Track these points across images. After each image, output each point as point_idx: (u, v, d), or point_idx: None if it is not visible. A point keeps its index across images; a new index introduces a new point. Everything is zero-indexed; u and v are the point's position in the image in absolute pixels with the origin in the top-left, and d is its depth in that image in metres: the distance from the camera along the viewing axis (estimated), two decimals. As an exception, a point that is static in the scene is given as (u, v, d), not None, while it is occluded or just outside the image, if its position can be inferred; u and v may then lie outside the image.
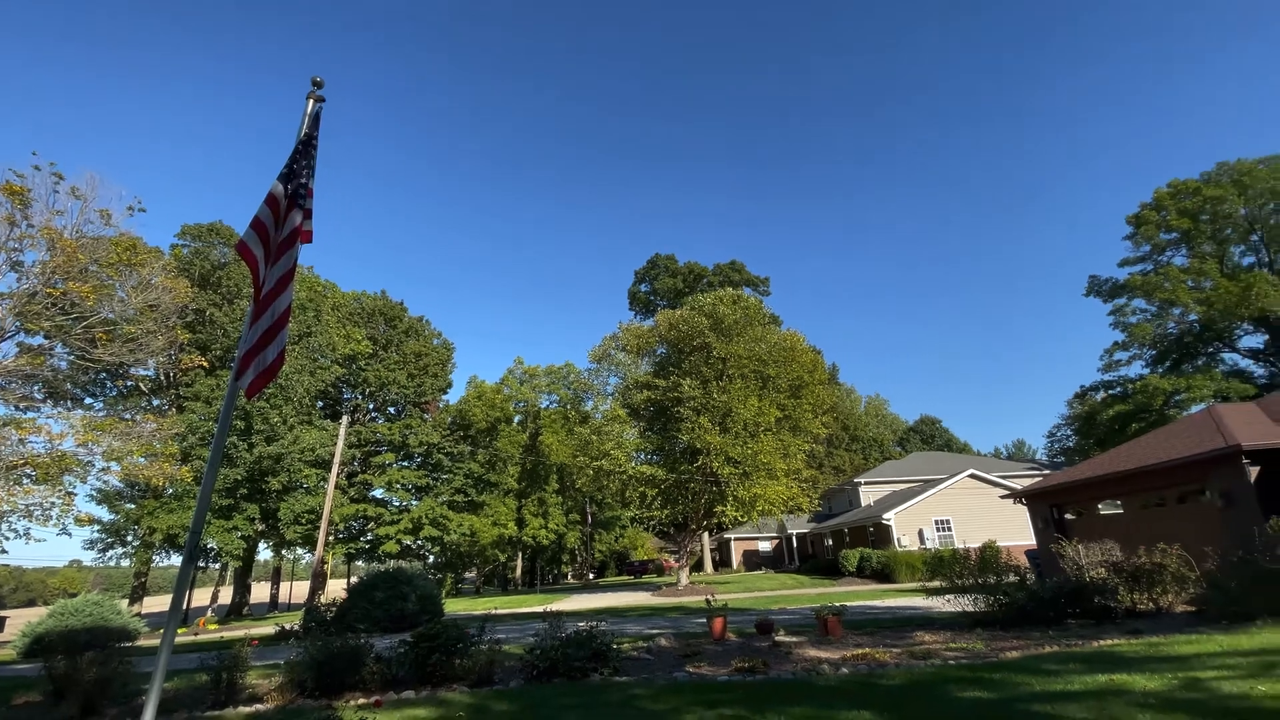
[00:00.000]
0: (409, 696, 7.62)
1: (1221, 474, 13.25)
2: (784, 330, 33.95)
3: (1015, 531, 27.50)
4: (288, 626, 17.95)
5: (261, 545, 44.12)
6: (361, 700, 7.48)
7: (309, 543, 42.17)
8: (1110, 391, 42.87)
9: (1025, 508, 20.17)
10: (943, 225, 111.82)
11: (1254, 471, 12.77)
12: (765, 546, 54.05)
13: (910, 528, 31.52)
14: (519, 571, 60.44)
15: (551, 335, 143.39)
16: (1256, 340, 39.52)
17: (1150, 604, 11.03)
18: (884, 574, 28.48)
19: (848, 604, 18.19)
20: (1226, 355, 40.63)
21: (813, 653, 9.15)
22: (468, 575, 70.24)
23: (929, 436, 74.75)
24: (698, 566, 53.13)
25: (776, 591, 26.67)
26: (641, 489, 29.62)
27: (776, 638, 10.44)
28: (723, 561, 57.75)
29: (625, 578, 57.72)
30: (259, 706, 7.55)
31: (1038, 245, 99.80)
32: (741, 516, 29.43)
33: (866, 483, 42.00)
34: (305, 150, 4.85)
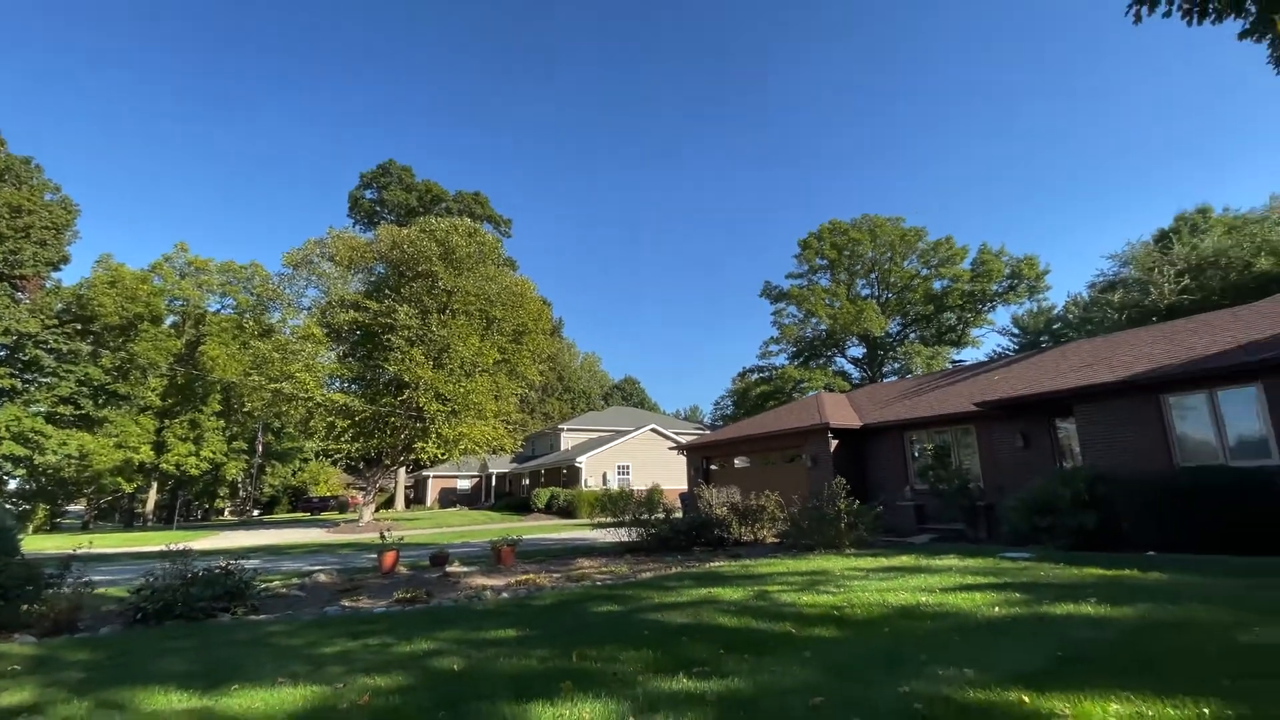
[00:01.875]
0: (-87, 656, 5.62)
1: (814, 443, 17.62)
2: (517, 275, 33.85)
3: (678, 478, 32.60)
4: None
5: None
6: None
7: None
8: (761, 375, 53.56)
9: (684, 458, 24.05)
10: (675, 208, 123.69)
11: (834, 443, 17.28)
12: (464, 485, 54.19)
13: (597, 471, 34.97)
14: (150, 505, 49.55)
15: (237, 224, 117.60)
16: (859, 351, 53.53)
17: (752, 535, 14.21)
18: (568, 511, 31.15)
19: (528, 536, 19.42)
20: (838, 359, 54.13)
21: (481, 581, 9.48)
22: (72, 508, 55.09)
23: (629, 394, 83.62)
24: (389, 504, 50.69)
25: (466, 527, 27.04)
26: (331, 419, 26.70)
27: (449, 569, 10.54)
28: (417, 499, 56.20)
29: (301, 515, 51.94)
30: None
31: (742, 247, 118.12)
32: (443, 454, 28.84)
33: (568, 429, 45.09)
34: None
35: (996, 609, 5.71)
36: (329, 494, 58.17)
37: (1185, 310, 28.41)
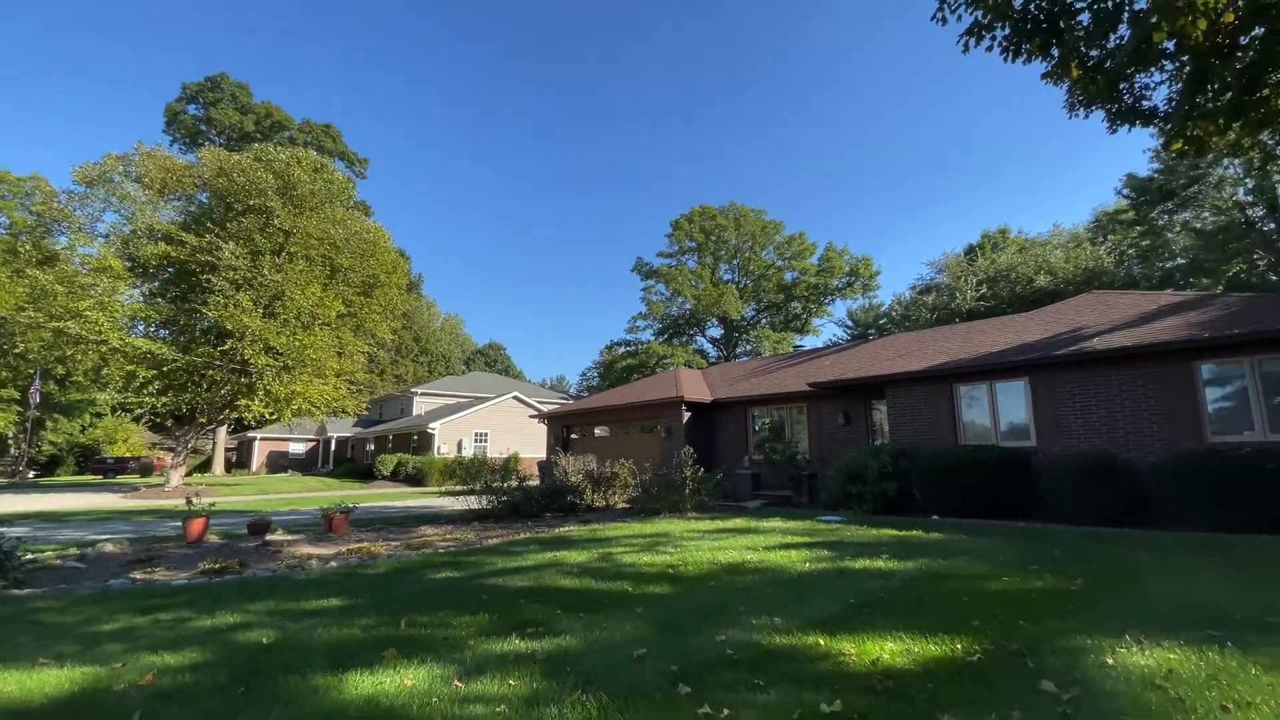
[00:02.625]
0: None
1: (669, 415, 18.40)
2: (370, 221, 31.00)
3: (540, 447, 32.47)
4: None
5: None
6: None
7: None
8: (627, 348, 54.70)
9: (546, 427, 23.97)
10: (556, 175, 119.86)
11: (687, 415, 18.16)
12: (298, 449, 49.50)
13: (452, 438, 33.69)
14: None
15: (15, 126, 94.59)
16: (717, 332, 56.39)
17: (604, 502, 14.59)
18: (417, 479, 29.75)
19: (369, 504, 18.31)
20: (699, 338, 56.71)
21: (306, 550, 8.76)
22: None
23: (493, 360, 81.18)
24: (205, 467, 44.99)
25: (297, 494, 24.80)
26: (131, 368, 22.84)
27: (269, 538, 9.60)
28: (241, 463, 50.40)
29: (92, 478, 44.23)
30: None
31: (619, 222, 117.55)
32: (272, 414, 25.93)
33: (422, 393, 42.83)
34: None
35: (808, 565, 6.40)
36: (129, 455, 50.15)
37: (981, 314, 33.50)
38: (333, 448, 46.45)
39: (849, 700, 2.93)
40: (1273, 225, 28.79)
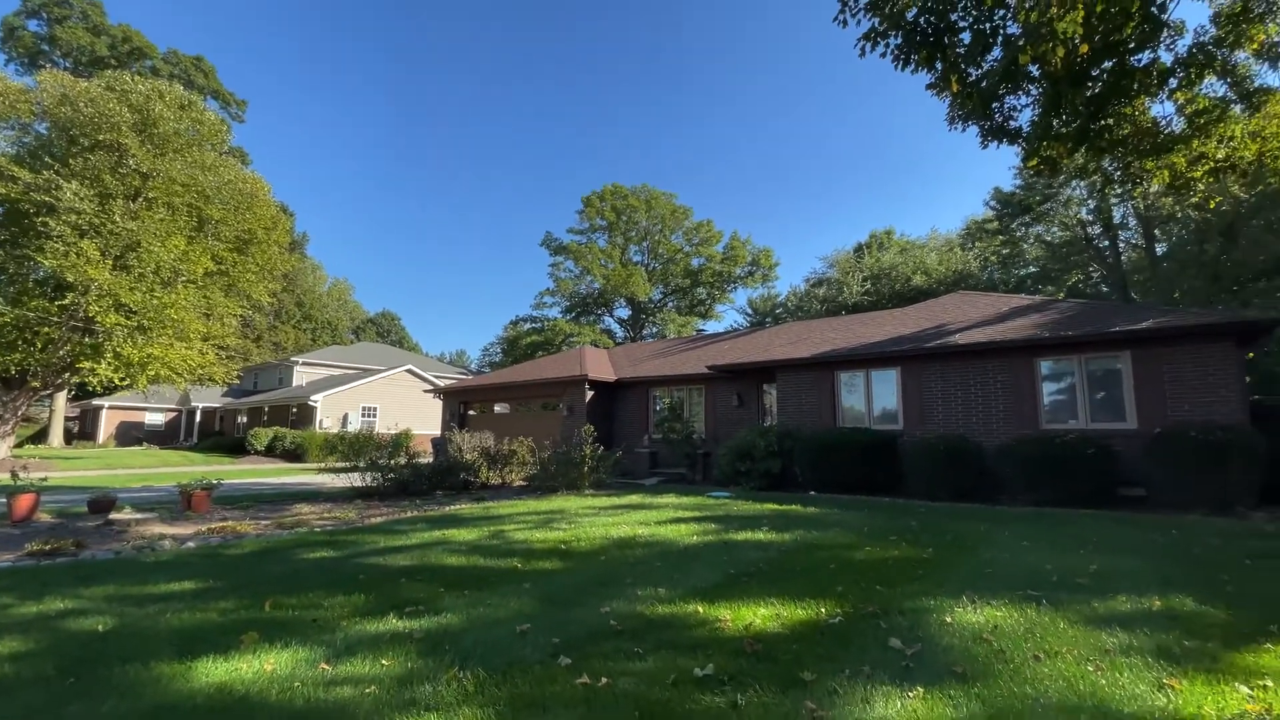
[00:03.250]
0: None
1: (573, 393, 18.32)
2: (247, 171, 28.03)
3: (435, 423, 31.23)
4: None
5: None
6: None
7: None
8: (533, 325, 53.77)
9: (441, 403, 23.10)
10: (460, 137, 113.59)
11: (591, 394, 18.16)
12: (156, 419, 44.43)
13: (337, 411, 31.63)
14: None
15: None
16: (625, 313, 56.67)
17: (500, 479, 14.34)
18: (296, 454, 27.70)
19: (239, 481, 16.85)
20: (607, 318, 56.77)
21: (159, 529, 7.93)
22: None
23: (386, 330, 76.77)
24: (40, 438, 39.35)
25: (153, 469, 22.34)
26: (-62, 319, 19.42)
27: (114, 516, 8.59)
28: (86, 434, 44.51)
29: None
30: None
31: (529, 194, 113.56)
32: (123, 380, 23.01)
33: (304, 363, 39.77)
34: None
35: (695, 538, 6.65)
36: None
37: (865, 308, 36.06)
38: (198, 419, 42.20)
39: (720, 663, 3.08)
40: (1107, 242, 33.13)
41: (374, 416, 33.11)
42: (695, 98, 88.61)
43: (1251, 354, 16.44)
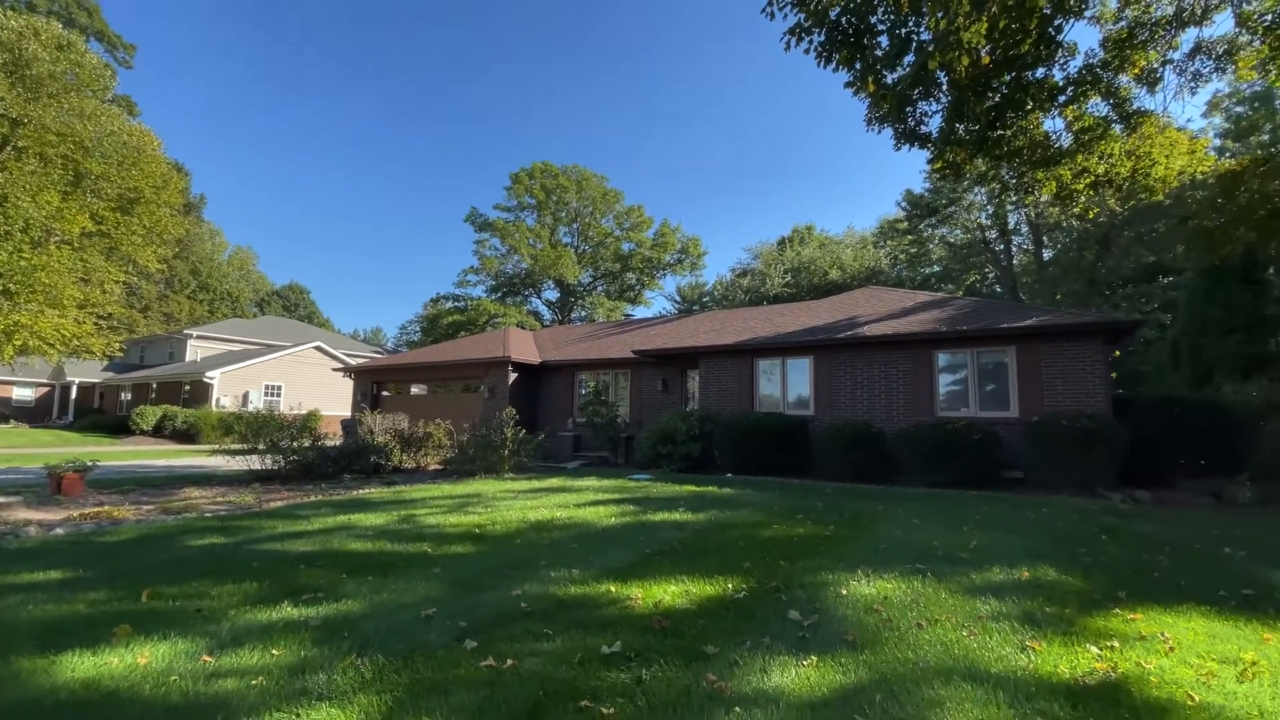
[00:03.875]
0: None
1: (495, 374, 17.92)
2: (134, 123, 25.26)
3: (344, 404, 29.68)
4: None
5: None
6: None
7: None
8: (455, 303, 52.05)
9: (353, 382, 22.01)
10: (381, 102, 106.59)
11: (514, 376, 17.83)
12: (24, 394, 39.68)
13: (236, 389, 29.43)
14: None
15: None
16: (554, 295, 55.92)
17: (415, 463, 13.87)
18: (188, 434, 25.58)
19: (120, 463, 15.39)
20: (534, 299, 55.81)
21: (24, 515, 7.13)
22: None
23: (293, 305, 71.92)
24: None
25: (20, 449, 19.99)
26: None
27: (-38, 502, 7.63)
28: (-71, 410, 39.08)
29: None
30: None
31: (452, 165, 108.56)
32: (-20, 350, 20.42)
33: (199, 337, 36.66)
34: None
35: (613, 519, 6.71)
36: None
37: (785, 299, 37.40)
38: (74, 395, 38.09)
39: (628, 640, 3.13)
40: (1002, 246, 35.91)
41: (278, 396, 31.08)
42: (624, 81, 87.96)
43: (1118, 352, 18.44)
